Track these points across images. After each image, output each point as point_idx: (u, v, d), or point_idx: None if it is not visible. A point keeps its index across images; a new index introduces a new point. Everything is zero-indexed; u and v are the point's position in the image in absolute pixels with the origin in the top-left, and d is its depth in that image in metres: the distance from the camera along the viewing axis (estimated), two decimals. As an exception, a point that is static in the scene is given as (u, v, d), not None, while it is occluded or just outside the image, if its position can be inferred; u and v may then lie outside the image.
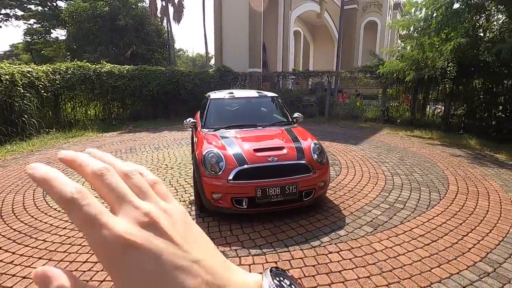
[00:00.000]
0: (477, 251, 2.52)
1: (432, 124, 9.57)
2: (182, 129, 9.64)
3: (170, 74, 12.26)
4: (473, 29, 7.01)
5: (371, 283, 2.13)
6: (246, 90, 5.59)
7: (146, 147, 6.93)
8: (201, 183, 3.01)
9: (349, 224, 2.99)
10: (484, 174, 4.74)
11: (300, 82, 17.92)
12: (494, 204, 3.51)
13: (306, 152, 3.17)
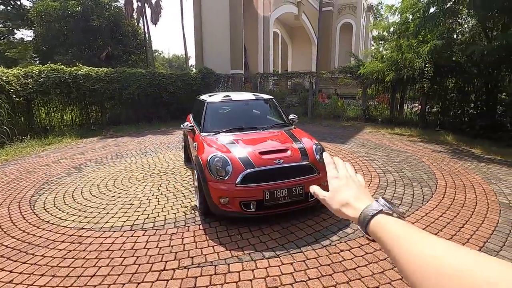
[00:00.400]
0: (475, 241, 2.70)
1: (410, 122, 10.05)
2: (167, 133, 9.45)
3: (151, 77, 11.95)
4: (447, 32, 7.48)
5: (386, 278, 2.21)
6: (241, 93, 5.57)
7: (132, 152, 6.71)
8: (207, 188, 2.98)
9: (350, 225, 3.09)
10: (466, 168, 5.06)
11: (280, 83, 18.15)
12: (480, 196, 3.76)
13: (309, 153, 3.23)
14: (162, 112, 12.54)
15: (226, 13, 14.72)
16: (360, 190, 0.57)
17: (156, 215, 3.37)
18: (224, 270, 2.34)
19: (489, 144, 6.94)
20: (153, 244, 2.75)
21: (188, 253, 2.59)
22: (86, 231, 3.06)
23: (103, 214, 3.45)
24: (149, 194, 4.03)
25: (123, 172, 5.16)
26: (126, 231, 3.03)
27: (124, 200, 3.84)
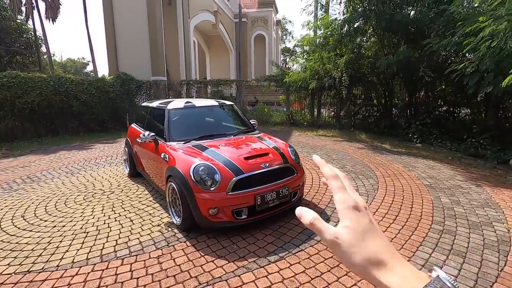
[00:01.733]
0: (426, 216, 3.31)
1: (328, 124, 11.43)
2: (84, 148, 8.20)
3: (56, 83, 10.16)
4: (357, 47, 8.89)
5: (381, 259, 2.50)
6: (201, 99, 5.31)
7: (51, 172, 5.57)
8: (194, 200, 2.75)
9: (333, 216, 3.36)
10: (387, 160, 6.09)
11: (199, 90, 17.95)
12: (410, 181, 4.61)
13: (286, 155, 3.36)
14: (72, 123, 10.77)
15: (144, 16, 13.76)
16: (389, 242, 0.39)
17: (126, 239, 2.91)
18: (238, 282, 2.22)
19: (392, 139, 8.52)
20: (141, 272, 2.37)
21: (189, 273, 2.35)
22: (38, 273, 2.40)
23: (51, 249, 2.77)
24: (104, 217, 3.44)
25: (50, 196, 4.24)
26: (96, 263, 2.51)
27: (73, 229, 3.17)
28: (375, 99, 10.43)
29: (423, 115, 8.89)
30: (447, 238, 2.84)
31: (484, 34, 4.56)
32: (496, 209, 3.54)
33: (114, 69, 14.43)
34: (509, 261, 2.47)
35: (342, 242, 0.37)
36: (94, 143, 9.13)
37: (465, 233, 2.94)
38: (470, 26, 4.80)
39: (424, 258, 2.51)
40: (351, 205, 0.39)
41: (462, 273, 2.31)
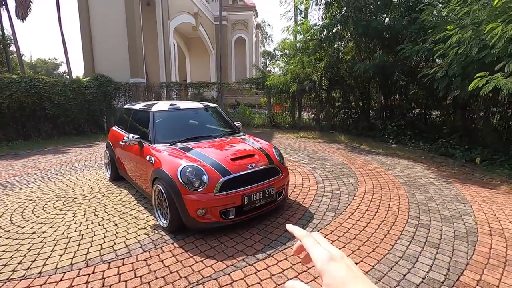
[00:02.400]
0: (403, 212, 3.51)
1: (309, 126, 11.70)
2: (60, 152, 7.90)
3: (27, 84, 9.69)
4: (336, 52, 9.20)
5: (363, 252, 2.64)
6: (186, 101, 5.29)
7: (25, 177, 5.33)
8: (182, 202, 2.77)
9: (316, 213, 3.48)
10: (366, 160, 6.35)
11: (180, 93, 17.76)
12: (387, 179, 4.85)
13: (271, 156, 3.45)
14: (45, 127, 10.30)
15: (122, 16, 13.44)
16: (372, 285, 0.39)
17: (111, 243, 2.87)
18: (228, 280, 2.27)
19: (369, 140, 8.88)
20: (129, 275, 2.36)
21: (178, 274, 2.36)
22: (19, 281, 2.32)
23: (32, 256, 2.68)
24: (87, 222, 3.36)
25: (27, 202, 4.07)
26: (81, 268, 2.47)
27: (54, 234, 3.07)
28: (353, 101, 10.82)
29: (398, 117, 9.34)
30: (422, 231, 3.04)
31: (451, 42, 4.91)
32: (464, 203, 3.82)
33: (90, 70, 13.96)
34: (477, 250, 2.69)
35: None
36: (70, 147, 8.80)
37: (438, 226, 3.16)
38: (439, 34, 5.15)
39: (402, 251, 2.68)
40: (326, 257, 0.39)
41: (436, 262, 2.49)
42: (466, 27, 4.74)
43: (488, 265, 2.47)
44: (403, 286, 2.20)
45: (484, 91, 4.38)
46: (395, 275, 2.32)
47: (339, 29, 8.62)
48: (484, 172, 5.49)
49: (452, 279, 2.27)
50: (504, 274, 2.33)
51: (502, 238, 2.92)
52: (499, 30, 4.02)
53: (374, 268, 2.42)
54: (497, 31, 4.04)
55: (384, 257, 2.58)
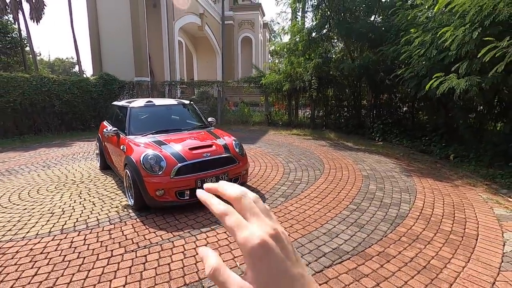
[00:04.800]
0: (348, 199, 3.90)
1: (304, 124, 12.05)
2: (65, 145, 8.59)
3: (38, 82, 10.49)
4: (325, 52, 9.52)
5: (293, 229, 3.07)
6: (163, 98, 5.81)
7: (29, 166, 5.98)
8: (143, 184, 3.27)
9: (269, 198, 3.92)
10: (342, 155, 6.70)
11: (186, 91, 18.41)
12: (351, 173, 5.21)
13: (230, 147, 3.90)
14: (54, 122, 11.10)
15: (127, 18, 14.17)
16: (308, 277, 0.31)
17: (86, 218, 3.40)
18: (170, 246, 2.75)
19: (357, 138, 9.18)
20: (92, 240, 2.88)
21: (132, 240, 2.87)
22: (5, 243, 2.88)
23: (19, 225, 3.25)
24: (71, 202, 3.92)
25: (25, 185, 4.68)
26: (56, 235, 3.01)
27: (41, 210, 3.64)
28: (345, 100, 11.09)
29: (385, 116, 9.58)
30: (355, 215, 3.43)
31: (415, 44, 5.20)
32: (411, 193, 4.16)
33: (98, 69, 14.78)
34: (395, 230, 3.06)
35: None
36: (75, 141, 9.52)
37: (373, 211, 3.54)
38: (406, 36, 5.45)
39: (328, 229, 3.09)
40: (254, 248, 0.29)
41: (353, 238, 2.89)
42: (427, 31, 5.03)
43: (398, 241, 2.84)
44: (313, 254, 2.62)
45: (440, 90, 4.67)
46: (311, 245, 2.74)
47: (328, 31, 8.94)
48: (452, 168, 5.76)
49: (358, 250, 2.67)
50: (406, 248, 2.71)
51: (426, 222, 3.28)
52: (449, 34, 4.31)
53: (296, 240, 2.84)
54: (448, 35, 4.34)
55: (309, 233, 3.00)
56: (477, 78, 4.37)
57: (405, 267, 2.42)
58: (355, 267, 2.42)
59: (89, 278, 2.29)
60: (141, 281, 2.26)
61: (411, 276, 2.30)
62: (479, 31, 4.06)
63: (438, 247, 2.74)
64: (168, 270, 2.39)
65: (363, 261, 2.49)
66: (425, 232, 3.03)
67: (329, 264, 2.45)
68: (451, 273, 2.34)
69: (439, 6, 4.33)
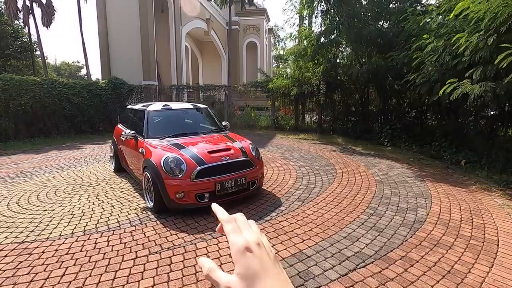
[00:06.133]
0: (365, 203, 3.91)
1: (311, 129, 12.08)
2: (75, 148, 8.68)
3: (49, 86, 10.64)
4: (333, 57, 9.59)
5: (313, 232, 3.09)
6: (179, 102, 5.89)
7: (42, 168, 6.05)
8: (164, 186, 3.31)
9: (285, 202, 3.94)
10: (353, 160, 6.72)
11: (192, 95, 18.54)
12: (364, 177, 5.22)
13: (247, 151, 3.94)
14: (64, 125, 11.22)
15: (136, 23, 14.37)
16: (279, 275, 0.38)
17: (106, 219, 3.45)
18: (193, 248, 2.78)
19: (366, 143, 9.18)
20: (115, 242, 2.92)
21: (155, 242, 2.90)
22: (30, 243, 2.93)
23: (42, 226, 3.29)
24: (89, 203, 3.97)
25: (42, 187, 4.74)
26: (79, 236, 3.05)
27: (61, 212, 3.69)
28: (353, 105, 11.13)
29: (394, 121, 9.59)
30: (373, 219, 3.44)
31: (427, 50, 5.24)
32: (426, 198, 4.17)
33: (107, 73, 14.97)
34: (415, 235, 3.07)
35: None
36: (85, 144, 9.61)
37: (390, 216, 3.55)
38: (418, 42, 5.49)
39: (348, 233, 3.10)
40: (241, 248, 0.38)
41: (374, 242, 2.90)
42: (440, 37, 5.08)
43: (419, 246, 2.85)
44: (336, 257, 2.63)
45: (453, 96, 4.69)
46: (333, 249, 2.76)
47: (336, 36, 9.02)
48: (464, 173, 5.75)
49: (381, 254, 2.68)
50: (428, 253, 2.72)
51: (444, 227, 3.28)
52: (463, 40, 4.35)
53: (318, 244, 2.86)
54: (462, 41, 4.37)
55: (330, 236, 3.02)
56: (492, 84, 4.39)
57: (430, 271, 2.43)
58: (379, 271, 2.43)
59: (118, 279, 2.33)
60: (169, 282, 2.29)
61: (436, 280, 2.31)
62: (494, 37, 4.10)
63: (460, 252, 2.74)
64: (194, 271, 2.42)
65: (387, 265, 2.50)
66: (445, 237, 3.03)
67: (353, 268, 2.47)
68: (476, 278, 2.34)
69: (455, 13, 4.38)
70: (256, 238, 0.40)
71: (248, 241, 0.39)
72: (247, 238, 0.40)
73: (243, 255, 0.38)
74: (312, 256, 2.64)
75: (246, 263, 0.37)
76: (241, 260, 0.38)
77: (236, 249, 0.38)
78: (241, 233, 0.41)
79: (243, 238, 0.39)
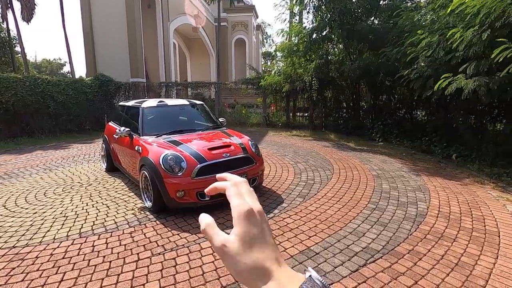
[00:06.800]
0: (365, 199, 3.91)
1: (302, 125, 12.09)
2: (61, 147, 8.36)
3: (31, 83, 10.17)
4: (325, 54, 9.60)
5: (319, 229, 3.05)
6: (175, 99, 5.72)
7: (28, 169, 5.78)
8: (163, 185, 3.19)
9: (286, 199, 3.89)
10: (348, 155, 6.74)
11: (180, 93, 18.25)
12: (361, 172, 5.24)
13: (247, 147, 3.86)
14: (48, 124, 10.78)
15: (123, 18, 13.95)
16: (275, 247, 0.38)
17: (102, 221, 3.29)
18: (198, 248, 2.69)
19: (358, 138, 9.25)
20: (115, 244, 2.78)
21: (156, 243, 2.78)
22: (22, 248, 2.75)
23: (33, 230, 3.11)
24: (82, 205, 3.79)
25: (30, 189, 4.51)
26: (75, 239, 2.90)
27: (53, 214, 3.51)
28: (344, 101, 11.20)
29: (385, 116, 9.70)
30: (376, 214, 3.44)
31: (422, 45, 5.29)
32: (425, 192, 4.21)
33: (92, 70, 14.49)
34: (419, 228, 3.08)
35: (229, 250, 0.36)
36: (71, 143, 9.27)
37: (392, 210, 3.56)
38: (411, 38, 5.54)
39: (353, 228, 3.08)
40: (244, 212, 0.38)
41: (380, 237, 2.89)
42: (435, 32, 5.13)
43: (424, 239, 2.86)
44: (344, 253, 2.60)
45: (448, 91, 4.76)
46: (340, 245, 2.73)
47: (328, 32, 9.03)
48: (456, 167, 5.86)
49: (388, 249, 2.67)
50: (434, 246, 2.73)
51: (446, 219, 3.31)
52: (458, 35, 4.41)
53: (324, 240, 2.82)
54: (457, 36, 4.43)
55: (336, 232, 2.98)
56: (485, 78, 4.47)
57: (438, 264, 2.43)
58: (389, 265, 2.41)
59: (121, 283, 2.21)
60: (176, 284, 2.19)
61: (446, 273, 2.31)
62: (489, 32, 4.17)
63: (465, 244, 2.77)
64: (201, 272, 2.33)
65: (396, 260, 2.49)
66: (448, 230, 3.06)
67: (363, 263, 2.44)
68: (484, 270, 2.36)
69: (452, 8, 4.43)
70: (260, 206, 0.40)
71: (252, 206, 0.39)
72: (251, 204, 0.39)
73: (246, 218, 0.38)
74: (320, 253, 2.59)
75: (247, 226, 0.37)
76: (243, 223, 0.37)
77: (238, 212, 0.38)
78: (246, 198, 0.40)
79: (248, 203, 0.39)
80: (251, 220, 0.37)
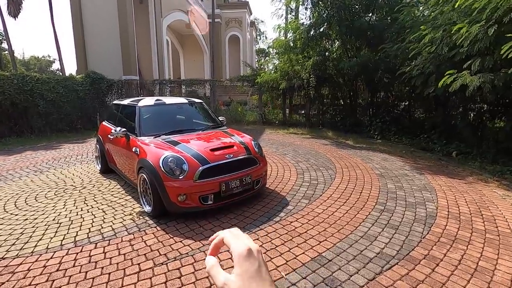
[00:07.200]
0: (373, 199, 3.79)
1: (299, 123, 11.97)
2: (53, 148, 8.07)
3: (19, 81, 9.79)
4: (323, 50, 9.47)
5: (328, 233, 2.91)
6: (173, 97, 5.51)
7: (17, 171, 5.51)
8: (164, 188, 3.01)
9: (291, 201, 3.75)
10: (348, 154, 6.64)
11: (174, 90, 17.94)
12: (364, 172, 5.13)
13: (250, 147, 3.70)
14: (38, 124, 10.41)
15: (114, 14, 13.56)
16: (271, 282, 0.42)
17: (99, 227, 3.10)
18: (203, 256, 2.52)
19: (356, 136, 9.17)
20: (113, 253, 2.60)
21: (158, 251, 2.61)
22: (12, 259, 2.55)
23: (24, 238, 2.90)
24: (77, 210, 3.58)
25: (20, 192, 4.27)
26: (70, 248, 2.70)
27: (45, 220, 3.30)
28: (341, 99, 11.10)
29: (383, 114, 9.64)
30: (386, 216, 3.32)
31: (425, 41, 5.19)
32: (431, 192, 4.12)
33: (83, 67, 14.08)
34: (431, 231, 2.98)
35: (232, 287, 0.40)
36: (62, 143, 8.97)
37: (401, 211, 3.45)
38: (414, 34, 5.43)
39: (364, 231, 2.96)
40: (243, 252, 0.41)
41: (392, 240, 2.77)
42: (438, 28, 5.03)
43: (438, 242, 2.75)
44: (358, 259, 2.47)
45: (452, 88, 4.67)
46: (353, 250, 2.60)
47: (326, 29, 8.89)
48: (457, 164, 5.80)
49: (403, 254, 2.55)
50: (450, 250, 2.62)
51: (457, 221, 3.22)
52: (464, 31, 4.31)
53: (336, 245, 2.69)
54: (463, 32, 4.33)
55: (346, 236, 2.86)
56: (490, 75, 4.39)
57: (457, 270, 2.32)
58: (407, 272, 2.29)
59: (122, 298, 2.04)
60: (182, 298, 2.03)
61: (467, 280, 2.20)
62: (495, 28, 4.08)
63: (480, 247, 2.67)
64: (209, 284, 2.17)
65: (413, 266, 2.37)
66: (461, 232, 2.96)
67: (379, 271, 2.31)
68: (505, 275, 2.26)
69: (459, 3, 4.32)
70: (256, 245, 0.44)
71: (250, 245, 0.43)
72: (248, 244, 0.43)
73: (245, 258, 0.41)
74: (333, 260, 2.46)
75: (246, 266, 0.41)
76: (242, 263, 0.41)
77: (239, 253, 0.42)
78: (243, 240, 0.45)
79: (245, 243, 0.43)
80: (250, 260, 0.41)
